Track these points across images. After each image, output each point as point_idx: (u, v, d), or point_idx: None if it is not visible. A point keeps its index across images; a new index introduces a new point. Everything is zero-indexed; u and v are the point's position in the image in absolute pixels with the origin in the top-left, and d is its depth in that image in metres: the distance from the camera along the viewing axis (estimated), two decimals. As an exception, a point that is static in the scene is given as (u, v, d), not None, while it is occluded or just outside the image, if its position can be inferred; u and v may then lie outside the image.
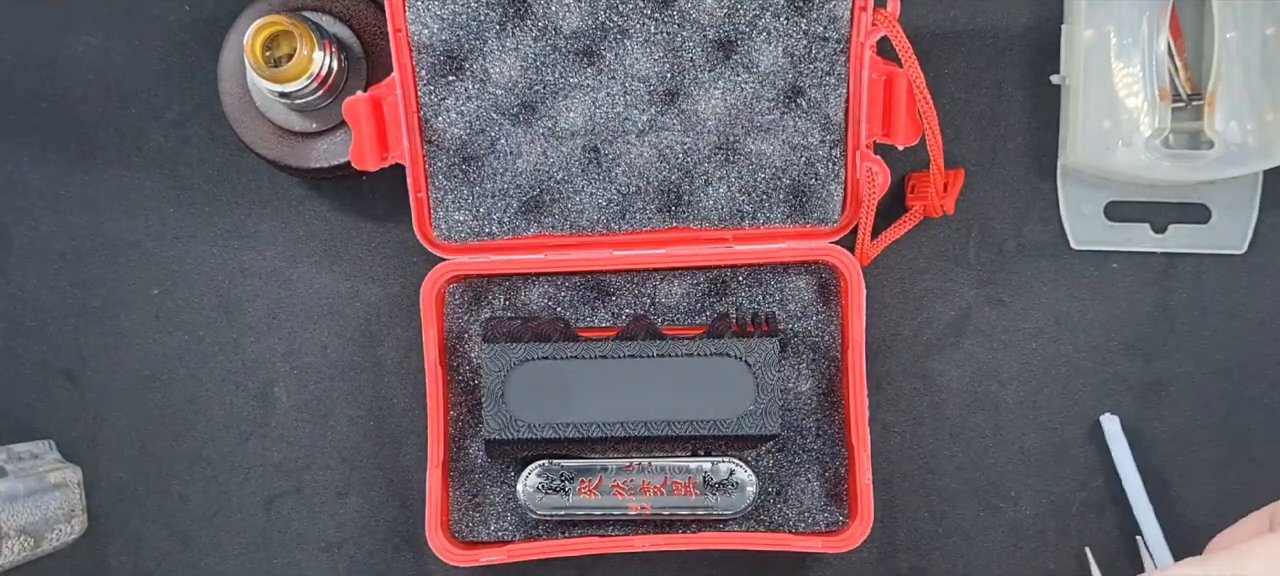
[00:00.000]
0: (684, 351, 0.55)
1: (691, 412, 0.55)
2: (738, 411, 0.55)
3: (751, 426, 0.55)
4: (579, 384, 0.55)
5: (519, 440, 0.56)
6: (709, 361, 0.55)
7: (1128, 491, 0.64)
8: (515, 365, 0.56)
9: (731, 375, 0.55)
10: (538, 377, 0.57)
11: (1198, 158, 0.62)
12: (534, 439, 0.57)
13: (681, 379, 0.55)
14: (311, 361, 0.66)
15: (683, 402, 0.55)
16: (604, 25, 0.59)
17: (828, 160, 0.61)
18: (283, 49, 0.59)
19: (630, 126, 0.60)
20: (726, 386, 0.55)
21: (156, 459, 0.66)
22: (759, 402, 0.55)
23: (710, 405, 0.55)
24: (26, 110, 0.66)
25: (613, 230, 0.62)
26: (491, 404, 0.57)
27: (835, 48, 0.59)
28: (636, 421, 0.55)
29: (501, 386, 0.56)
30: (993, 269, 0.66)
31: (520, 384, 0.56)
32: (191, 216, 0.66)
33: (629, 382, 0.55)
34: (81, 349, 0.66)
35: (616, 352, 0.55)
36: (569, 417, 0.55)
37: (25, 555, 0.60)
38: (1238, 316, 0.65)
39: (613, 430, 0.55)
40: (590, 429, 0.55)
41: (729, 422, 0.55)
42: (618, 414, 0.55)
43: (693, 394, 0.55)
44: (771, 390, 0.54)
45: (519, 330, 0.58)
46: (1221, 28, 0.61)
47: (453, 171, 0.60)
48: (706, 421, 0.55)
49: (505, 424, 0.56)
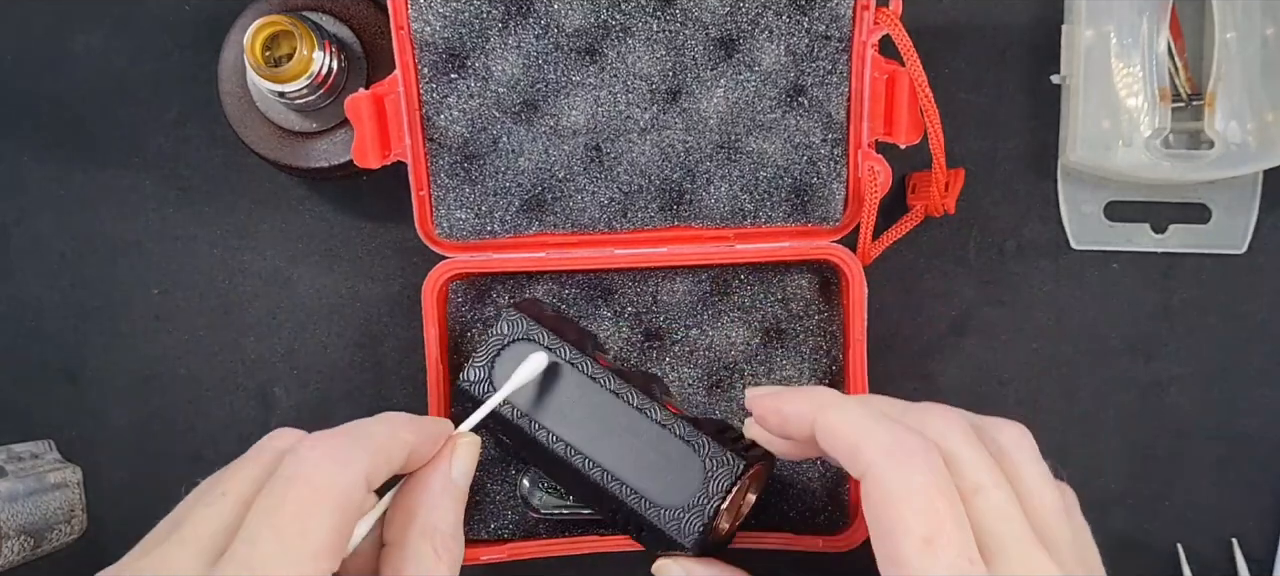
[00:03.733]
0: (660, 420, 0.53)
1: (630, 474, 0.53)
2: (669, 501, 0.52)
3: (670, 520, 0.52)
4: (557, 389, 0.55)
5: (479, 401, 0.55)
6: (676, 443, 0.53)
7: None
8: (519, 339, 0.56)
9: (687, 470, 0.53)
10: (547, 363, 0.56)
11: (1198, 158, 0.62)
12: (497, 413, 0.55)
13: (644, 442, 0.53)
14: (311, 361, 0.66)
15: (629, 460, 0.53)
16: (606, 23, 0.59)
17: (830, 159, 0.61)
18: (283, 49, 0.59)
19: (632, 125, 0.60)
20: (677, 476, 0.52)
21: (156, 459, 0.66)
22: (692, 507, 0.51)
23: (651, 479, 0.52)
24: (26, 110, 0.66)
25: (614, 229, 0.62)
26: (481, 358, 0.56)
27: (837, 46, 0.59)
28: (579, 451, 0.54)
29: (498, 349, 0.56)
30: (993, 269, 0.66)
31: (512, 358, 0.55)
32: (191, 216, 0.66)
33: (598, 415, 0.54)
34: (81, 349, 0.66)
35: (605, 383, 0.54)
36: (530, 410, 0.55)
37: (25, 555, 0.60)
38: (1238, 316, 0.66)
39: (556, 445, 0.54)
40: (540, 431, 0.54)
41: (652, 504, 0.52)
42: (570, 434, 0.54)
43: (644, 460, 0.53)
44: (709, 504, 0.51)
45: (546, 316, 0.57)
46: (1221, 28, 0.61)
47: (455, 169, 0.60)
48: (634, 493, 0.52)
49: (479, 381, 0.56)
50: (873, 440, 0.41)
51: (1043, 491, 0.42)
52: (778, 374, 0.63)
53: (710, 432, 0.53)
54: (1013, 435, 0.44)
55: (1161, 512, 0.66)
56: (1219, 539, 0.66)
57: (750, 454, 0.52)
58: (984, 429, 0.44)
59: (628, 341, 0.63)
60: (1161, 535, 0.66)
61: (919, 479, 0.39)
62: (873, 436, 0.41)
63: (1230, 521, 0.66)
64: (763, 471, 0.55)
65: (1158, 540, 0.66)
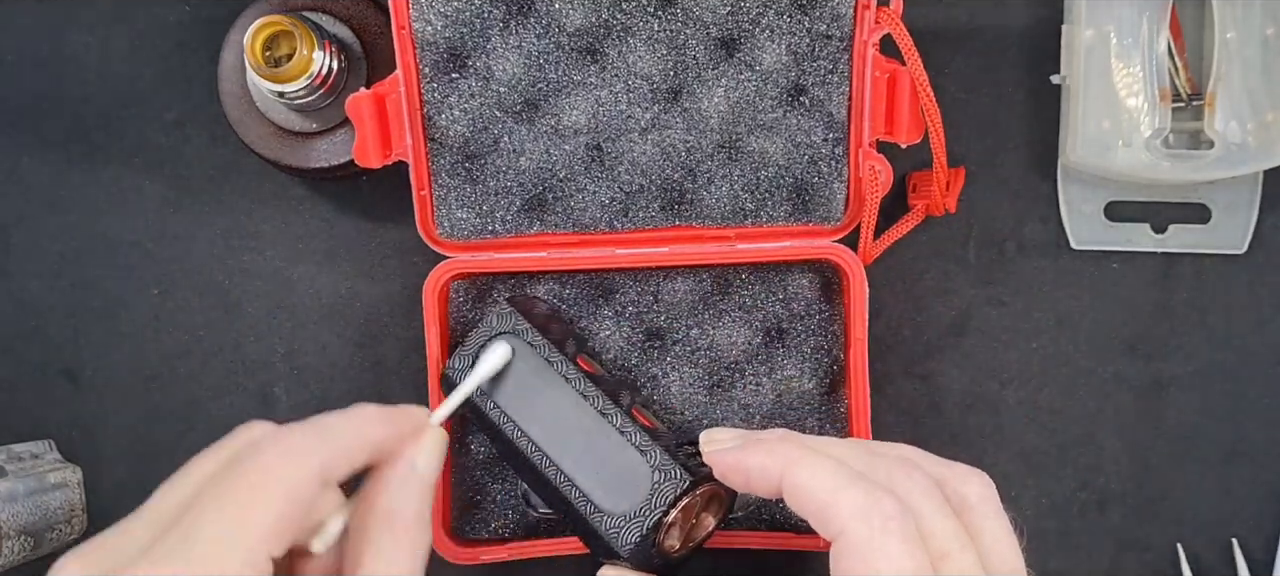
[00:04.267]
0: (619, 426, 0.53)
1: (581, 476, 0.53)
2: (612, 507, 0.52)
3: (610, 527, 0.51)
4: (530, 386, 0.55)
5: (455, 386, 0.55)
6: (630, 452, 0.53)
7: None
8: (505, 333, 0.56)
9: (635, 479, 0.52)
10: (512, 356, 0.56)
11: (1198, 158, 0.62)
12: (473, 402, 0.56)
13: (600, 446, 0.53)
14: (311, 361, 0.66)
15: (584, 463, 0.53)
16: (607, 23, 0.59)
17: (830, 158, 0.61)
18: (283, 49, 0.59)
19: (633, 124, 0.60)
20: (624, 484, 0.52)
21: (156, 459, 0.66)
22: (633, 516, 0.51)
23: (599, 483, 0.53)
24: (26, 110, 0.66)
25: (615, 228, 0.62)
26: (467, 349, 0.56)
27: (838, 46, 0.59)
28: (540, 449, 0.54)
29: (485, 340, 0.56)
30: (993, 269, 0.66)
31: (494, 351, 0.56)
32: (191, 216, 0.66)
33: (562, 415, 0.54)
34: (81, 349, 0.66)
35: (575, 385, 0.54)
36: (502, 404, 0.55)
37: (25, 555, 0.60)
38: (1238, 316, 0.66)
39: (520, 440, 0.54)
40: (506, 425, 0.54)
41: (596, 509, 0.52)
42: (534, 431, 0.54)
43: (597, 464, 0.53)
44: (651, 515, 0.51)
45: (536, 313, 0.57)
46: (1221, 28, 0.61)
47: (456, 169, 0.60)
48: (582, 495, 0.52)
49: (462, 369, 0.56)
50: (847, 501, 0.43)
51: (1004, 548, 0.44)
52: (778, 373, 0.63)
53: (667, 445, 0.52)
54: (978, 488, 0.45)
55: (1161, 512, 0.66)
56: (1219, 539, 0.66)
57: (700, 470, 0.51)
58: (947, 481, 0.45)
59: (628, 341, 0.63)
60: (1161, 535, 0.66)
61: (894, 545, 0.41)
62: (846, 498, 0.43)
63: (1230, 521, 0.66)
64: (723, 494, 0.54)
65: (1158, 540, 0.66)
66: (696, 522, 0.54)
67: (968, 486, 0.45)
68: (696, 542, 0.55)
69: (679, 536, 0.53)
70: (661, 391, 0.63)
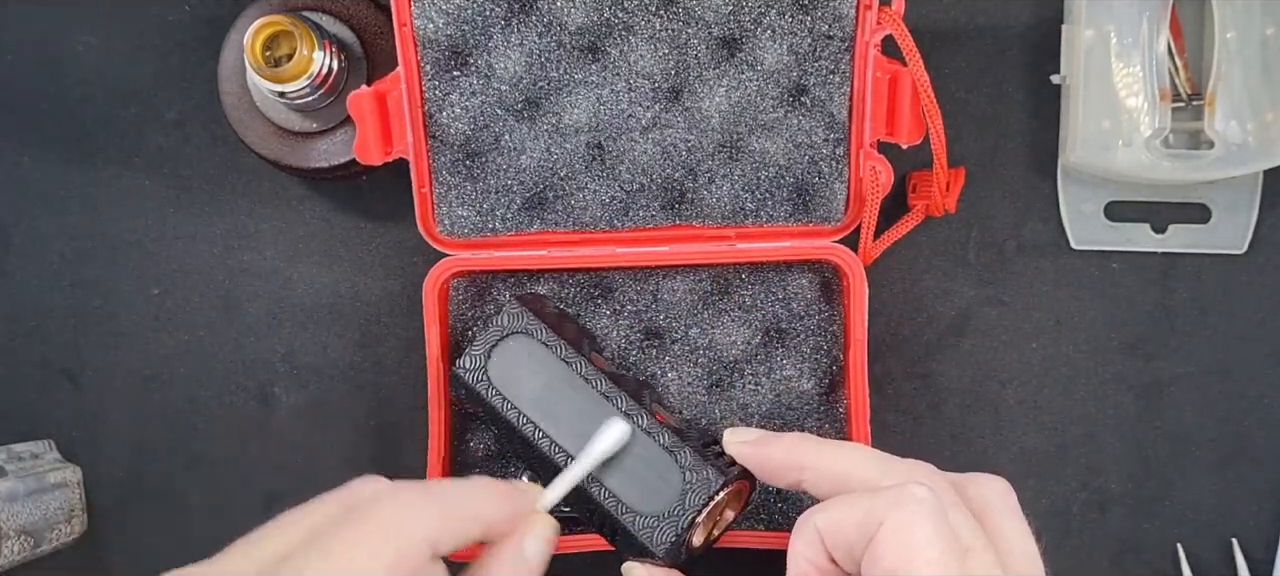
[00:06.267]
0: (646, 427, 0.53)
1: (609, 477, 0.53)
2: (645, 508, 0.52)
3: (643, 527, 0.52)
4: (549, 386, 0.55)
5: (472, 390, 0.55)
6: (659, 452, 0.53)
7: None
8: (518, 332, 0.56)
9: (666, 479, 0.52)
10: (524, 355, 0.56)
11: (1198, 158, 0.62)
12: (488, 402, 0.55)
13: (627, 447, 0.53)
14: (311, 361, 0.66)
15: (611, 463, 0.53)
16: (609, 22, 0.59)
17: (831, 158, 0.61)
18: (283, 49, 0.59)
19: (634, 123, 0.60)
20: (655, 485, 0.52)
21: (156, 459, 0.66)
22: (666, 517, 0.51)
23: (630, 484, 0.53)
24: (26, 110, 0.66)
25: (616, 227, 0.62)
26: (479, 347, 0.56)
27: (840, 46, 0.59)
28: (563, 449, 0.53)
29: (496, 339, 0.56)
30: (993, 269, 0.66)
31: (510, 350, 0.56)
32: (191, 216, 0.66)
33: (585, 416, 0.54)
34: (81, 349, 0.66)
35: (596, 385, 0.54)
36: (520, 405, 0.55)
37: (25, 555, 0.60)
38: (1238, 316, 0.66)
39: (541, 441, 0.54)
40: (526, 425, 0.54)
41: (628, 509, 0.52)
42: (556, 432, 0.54)
43: (625, 465, 0.53)
44: (684, 516, 0.51)
45: (547, 313, 0.57)
46: (1221, 28, 0.61)
47: (456, 167, 0.60)
48: (611, 496, 0.52)
49: (475, 369, 0.56)
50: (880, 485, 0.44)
51: (1023, 547, 0.44)
52: (778, 373, 0.63)
53: (694, 445, 0.53)
54: (998, 490, 0.46)
55: (1161, 512, 0.66)
56: (1219, 539, 0.66)
57: (730, 471, 0.52)
58: (966, 486, 0.46)
59: (628, 340, 0.63)
60: (1161, 535, 0.66)
61: (927, 527, 0.42)
62: (878, 479, 0.44)
63: (1230, 521, 0.66)
64: (745, 489, 0.55)
65: (1158, 540, 0.66)
66: (719, 518, 0.55)
67: (989, 489, 0.46)
68: (716, 537, 0.55)
69: (704, 533, 0.54)
70: (660, 391, 0.63)
